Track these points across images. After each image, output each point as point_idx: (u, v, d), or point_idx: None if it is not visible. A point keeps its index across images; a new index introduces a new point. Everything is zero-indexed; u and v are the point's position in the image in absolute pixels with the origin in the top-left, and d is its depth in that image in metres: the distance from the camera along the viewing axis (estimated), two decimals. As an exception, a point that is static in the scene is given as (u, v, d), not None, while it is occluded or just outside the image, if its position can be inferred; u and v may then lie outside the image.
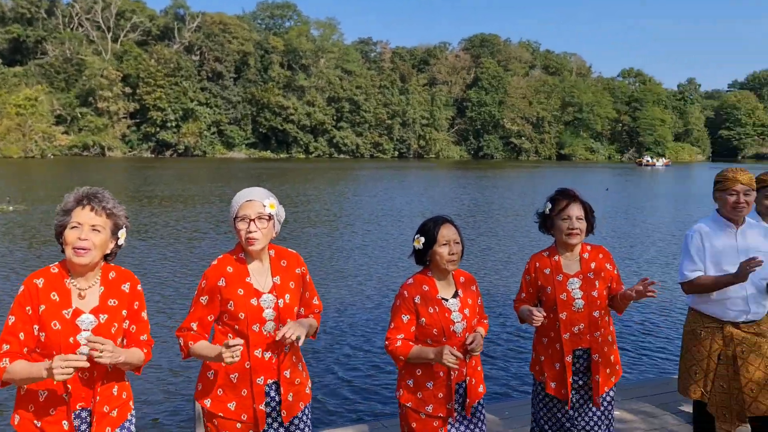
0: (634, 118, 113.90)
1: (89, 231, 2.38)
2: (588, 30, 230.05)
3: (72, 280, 2.44)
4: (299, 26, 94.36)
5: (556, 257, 3.22)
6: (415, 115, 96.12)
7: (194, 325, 2.67)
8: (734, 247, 3.45)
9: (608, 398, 3.25)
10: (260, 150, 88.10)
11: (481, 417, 3.01)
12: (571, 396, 3.17)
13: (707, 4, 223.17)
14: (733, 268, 3.38)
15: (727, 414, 3.45)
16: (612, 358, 3.25)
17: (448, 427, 2.87)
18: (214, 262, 2.71)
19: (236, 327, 2.64)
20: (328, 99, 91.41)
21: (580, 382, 3.20)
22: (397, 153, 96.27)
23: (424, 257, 2.93)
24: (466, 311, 2.90)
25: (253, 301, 2.64)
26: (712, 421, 3.52)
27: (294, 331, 2.54)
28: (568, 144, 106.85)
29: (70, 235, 2.37)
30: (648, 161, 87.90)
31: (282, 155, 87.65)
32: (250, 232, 2.60)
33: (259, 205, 2.64)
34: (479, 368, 3.00)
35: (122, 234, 2.53)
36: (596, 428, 3.22)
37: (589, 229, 3.21)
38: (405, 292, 2.90)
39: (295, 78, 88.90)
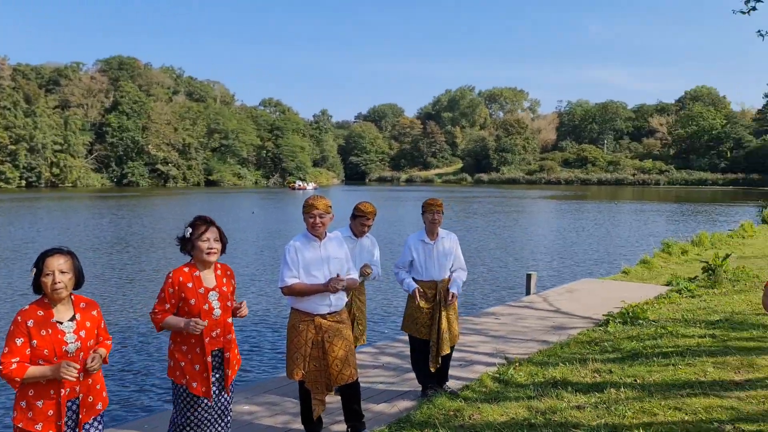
0: (277, 145, 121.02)
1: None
2: (230, 59, 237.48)
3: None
4: None
5: (197, 273, 3.74)
6: (46, 140, 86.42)
7: None
8: (319, 256, 4.43)
9: (232, 389, 3.91)
10: None
11: None
12: (212, 390, 3.72)
13: (331, 43, 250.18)
14: (319, 273, 4.36)
15: (319, 386, 4.41)
16: (236, 353, 3.91)
17: None
18: None
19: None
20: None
21: (216, 376, 3.77)
22: (24, 182, 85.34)
23: (37, 287, 3.16)
24: (82, 333, 3.19)
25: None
26: (309, 393, 4.44)
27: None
28: (216, 170, 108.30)
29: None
30: (300, 185, 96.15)
31: None
32: None
33: None
34: (98, 386, 3.32)
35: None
36: (226, 410, 3.86)
37: (223, 249, 3.81)
38: (18, 318, 3.09)
39: None
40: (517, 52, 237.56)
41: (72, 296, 3.24)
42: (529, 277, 11.10)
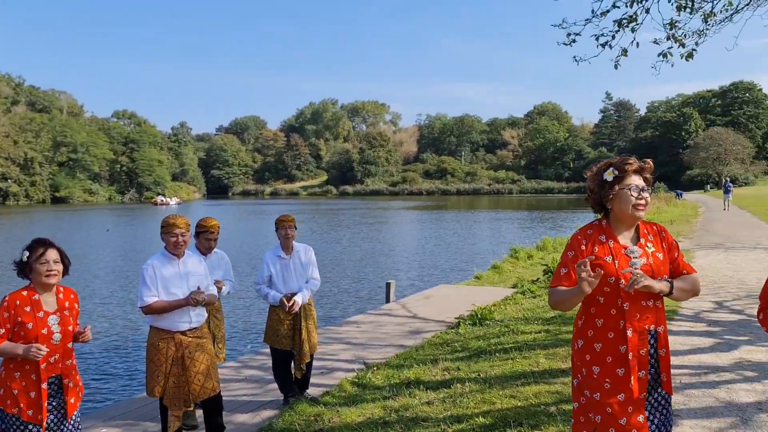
0: (132, 159, 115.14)
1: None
2: (78, 68, 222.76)
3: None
4: None
5: (36, 296, 3.66)
6: None
7: None
8: (178, 273, 4.54)
9: (78, 417, 3.84)
10: None
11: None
12: (46, 417, 3.65)
13: (195, 52, 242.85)
14: (179, 290, 4.46)
15: (177, 403, 4.48)
16: (78, 379, 3.85)
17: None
18: None
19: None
20: None
21: (54, 404, 3.70)
22: None
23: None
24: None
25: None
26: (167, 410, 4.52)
27: None
28: (63, 186, 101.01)
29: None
30: (162, 200, 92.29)
31: None
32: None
33: None
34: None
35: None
36: None
37: (65, 272, 3.77)
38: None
39: None
40: (378, 66, 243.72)
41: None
42: (388, 285, 11.64)
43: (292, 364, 5.86)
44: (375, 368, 6.75)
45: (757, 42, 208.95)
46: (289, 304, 5.62)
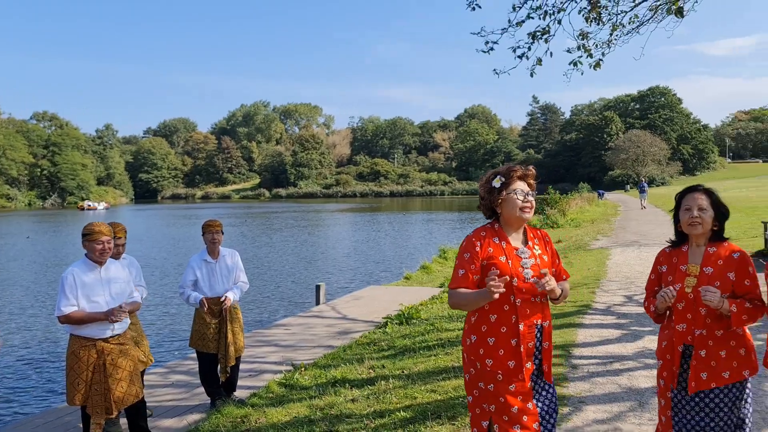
0: (54, 162, 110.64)
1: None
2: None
3: None
4: None
5: None
6: None
7: None
8: (100, 280, 4.54)
9: None
10: None
11: None
12: None
13: (110, 49, 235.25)
14: (101, 298, 4.47)
15: (99, 410, 4.46)
16: None
17: None
18: None
19: None
20: None
21: None
22: None
23: None
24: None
25: None
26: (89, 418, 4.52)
27: None
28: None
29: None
30: (90, 205, 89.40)
31: None
32: None
33: None
34: None
35: None
36: None
37: None
38: None
39: None
40: (311, 69, 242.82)
41: None
42: (318, 287, 11.75)
43: (219, 367, 5.92)
44: (302, 369, 6.87)
45: (670, 48, 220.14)
46: (222, 300, 5.74)
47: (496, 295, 2.80)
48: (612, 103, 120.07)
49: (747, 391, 3.04)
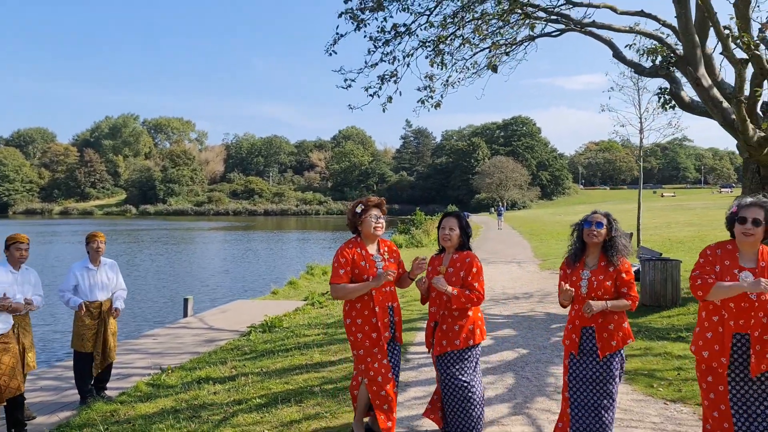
0: None
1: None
2: None
3: None
4: None
5: None
6: None
7: None
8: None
9: None
10: None
11: None
12: None
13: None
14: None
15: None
16: None
17: None
18: None
19: None
20: None
21: None
22: None
23: None
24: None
25: None
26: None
27: None
28: None
29: None
30: None
31: None
32: None
33: None
34: None
35: None
36: None
37: None
38: None
39: None
40: (184, 83, 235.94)
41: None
42: (186, 300, 12.25)
43: (92, 366, 6.50)
44: (169, 371, 7.51)
45: (534, 81, 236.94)
46: (114, 313, 6.54)
47: (390, 277, 4.34)
48: (479, 129, 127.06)
49: None
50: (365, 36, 9.30)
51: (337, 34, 9.14)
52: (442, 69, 10.30)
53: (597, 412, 4.09)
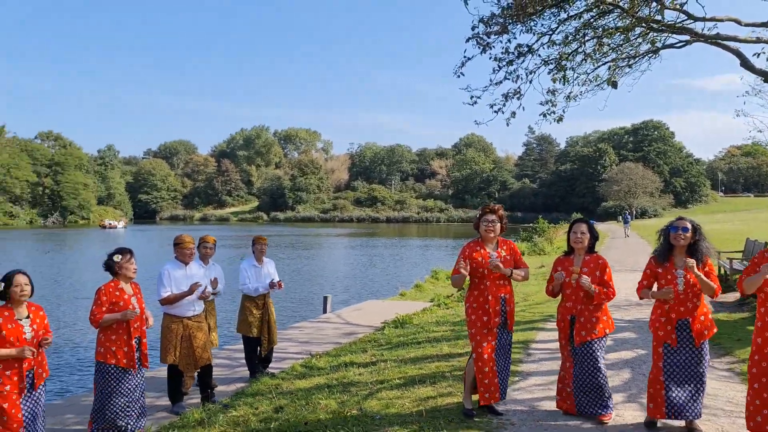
0: (56, 181, 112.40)
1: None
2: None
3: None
4: None
5: (120, 285, 5.41)
6: None
7: None
8: (185, 275, 6.40)
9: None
10: None
11: None
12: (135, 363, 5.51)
13: (116, 73, 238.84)
14: (185, 286, 6.33)
15: (189, 366, 6.34)
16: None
17: None
18: None
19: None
20: None
21: (137, 355, 5.54)
22: None
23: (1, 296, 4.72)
24: (34, 326, 4.82)
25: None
26: (182, 374, 6.37)
27: None
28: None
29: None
30: (110, 224, 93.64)
31: None
32: None
33: None
34: (44, 362, 5.03)
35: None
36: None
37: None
38: None
39: None
40: (311, 95, 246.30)
41: (26, 302, 4.87)
42: (325, 298, 13.57)
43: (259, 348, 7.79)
44: (318, 356, 8.68)
45: (666, 83, 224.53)
46: (279, 286, 7.80)
47: (464, 272, 5.16)
48: (606, 135, 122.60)
49: None
50: (490, 57, 10.07)
51: (465, 57, 9.97)
52: (564, 84, 10.82)
53: (691, 392, 4.71)
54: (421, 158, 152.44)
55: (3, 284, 4.76)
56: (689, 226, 4.88)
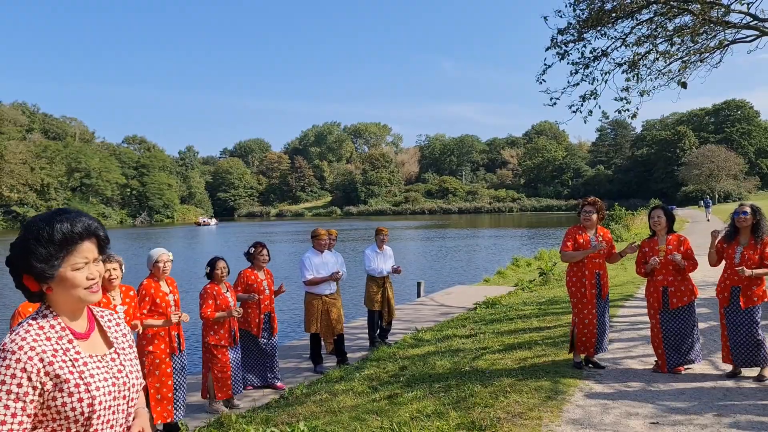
0: (142, 183, 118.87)
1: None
2: (88, 95, 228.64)
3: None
4: None
5: (256, 272, 7.06)
6: None
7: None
8: (323, 262, 7.88)
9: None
10: None
11: None
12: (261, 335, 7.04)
13: (197, 78, 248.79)
14: (324, 271, 7.81)
15: (328, 334, 7.84)
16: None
17: None
18: None
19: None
20: None
21: (266, 327, 7.08)
22: None
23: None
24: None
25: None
26: (320, 340, 7.89)
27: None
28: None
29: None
30: (204, 221, 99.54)
31: None
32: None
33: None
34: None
35: None
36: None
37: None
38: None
39: None
40: (379, 89, 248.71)
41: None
42: (419, 284, 14.94)
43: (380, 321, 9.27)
44: (423, 331, 10.05)
45: (747, 58, 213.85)
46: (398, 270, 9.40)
47: (601, 248, 6.40)
48: (685, 117, 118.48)
49: None
50: (567, 63, 11.10)
51: (545, 65, 11.05)
52: (638, 82, 11.71)
53: (749, 345, 5.82)
54: (492, 148, 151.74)
55: (209, 267, 6.34)
56: (748, 210, 5.95)
